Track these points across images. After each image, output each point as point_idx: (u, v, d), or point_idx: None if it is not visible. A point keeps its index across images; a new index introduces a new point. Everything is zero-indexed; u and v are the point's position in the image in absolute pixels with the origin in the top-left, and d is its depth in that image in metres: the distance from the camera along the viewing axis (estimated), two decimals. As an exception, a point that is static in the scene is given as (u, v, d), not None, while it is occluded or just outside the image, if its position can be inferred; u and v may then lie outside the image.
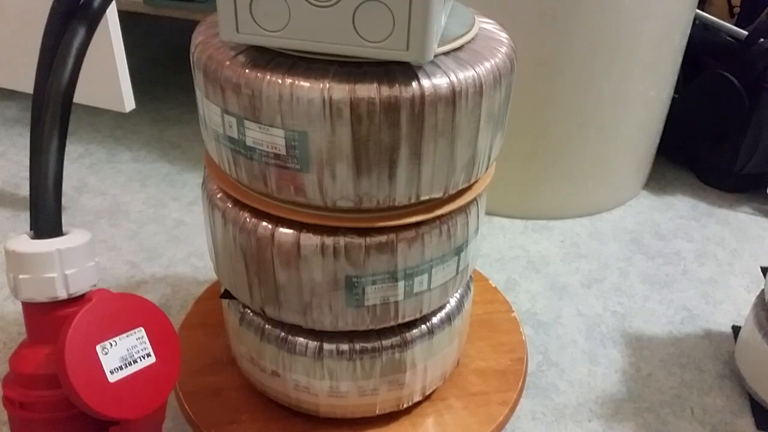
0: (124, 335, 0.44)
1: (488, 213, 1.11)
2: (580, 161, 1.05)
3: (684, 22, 1.00)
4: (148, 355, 0.45)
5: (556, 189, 1.08)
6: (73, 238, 0.45)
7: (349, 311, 0.54)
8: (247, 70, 0.46)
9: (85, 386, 0.41)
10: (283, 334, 0.59)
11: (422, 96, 0.45)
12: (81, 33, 0.49)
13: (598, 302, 0.93)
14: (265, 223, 0.52)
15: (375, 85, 0.45)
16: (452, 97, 0.46)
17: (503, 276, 0.98)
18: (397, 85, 0.45)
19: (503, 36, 0.54)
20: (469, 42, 0.51)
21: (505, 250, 1.03)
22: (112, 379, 0.43)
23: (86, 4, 0.51)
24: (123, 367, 0.44)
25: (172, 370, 0.46)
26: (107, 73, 0.95)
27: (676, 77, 1.09)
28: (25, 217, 1.08)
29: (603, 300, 0.94)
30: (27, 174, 1.20)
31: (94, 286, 0.47)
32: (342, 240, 0.51)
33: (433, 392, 0.67)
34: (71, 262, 0.44)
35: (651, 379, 0.81)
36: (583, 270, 1.00)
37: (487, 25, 0.56)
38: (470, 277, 0.67)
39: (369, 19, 0.42)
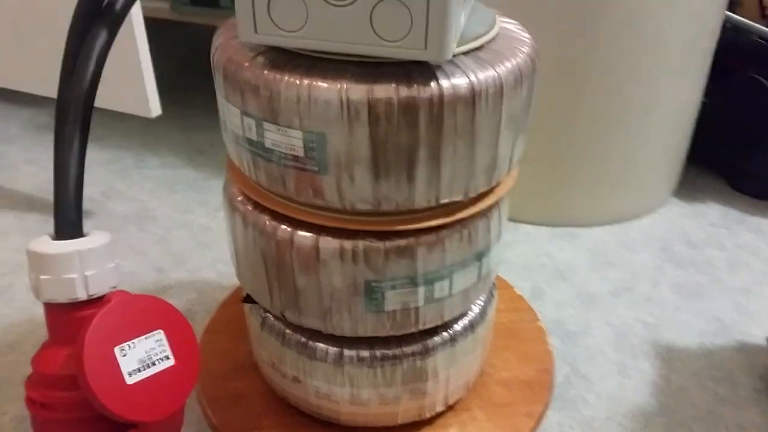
0: (143, 337, 0.44)
1: (513, 219, 1.10)
2: (607, 167, 1.03)
3: (713, 24, 0.97)
4: (167, 357, 0.45)
5: (583, 196, 1.06)
6: (93, 240, 0.45)
7: (369, 317, 0.53)
8: (265, 71, 0.46)
9: (102, 388, 0.41)
10: (303, 339, 0.59)
11: (441, 96, 0.45)
12: (103, 35, 0.50)
13: (627, 312, 0.91)
14: (284, 227, 0.52)
15: (393, 85, 0.44)
16: (472, 98, 0.46)
17: (529, 284, 0.96)
18: (415, 85, 0.44)
19: (525, 36, 0.53)
20: (489, 42, 0.50)
21: (530, 258, 1.02)
22: (130, 381, 0.43)
23: (109, 6, 0.51)
24: (141, 369, 0.43)
25: (191, 373, 0.46)
26: (133, 78, 0.96)
27: (705, 81, 1.06)
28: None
29: (633, 310, 0.91)
30: (57, 180, 1.22)
31: (114, 287, 0.47)
32: (361, 244, 0.50)
33: (456, 402, 0.66)
34: (91, 263, 0.44)
35: (683, 392, 0.78)
36: (611, 279, 0.97)
37: (508, 25, 0.55)
38: (493, 284, 0.66)
39: (386, 18, 0.42)
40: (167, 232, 1.08)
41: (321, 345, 0.58)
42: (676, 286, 0.96)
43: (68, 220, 0.46)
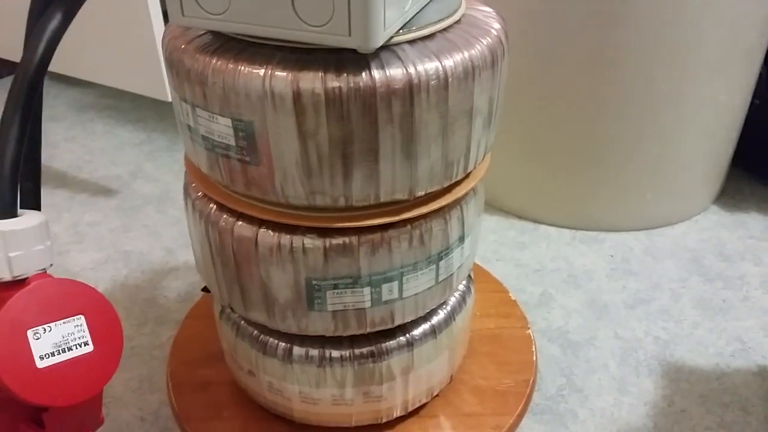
0: (61, 321, 0.44)
1: (534, 220, 1.05)
2: (636, 169, 0.97)
3: (760, 16, 0.88)
4: (86, 343, 0.44)
5: (609, 198, 1.00)
6: (21, 221, 0.45)
7: (313, 315, 0.51)
8: (196, 56, 0.44)
9: (8, 370, 0.41)
10: (256, 332, 0.57)
11: (373, 88, 0.42)
12: (57, 17, 0.49)
13: (640, 325, 0.85)
14: (226, 216, 0.50)
15: (320, 73, 0.41)
16: (409, 91, 0.42)
17: (539, 289, 0.91)
18: (344, 75, 0.41)
19: (493, 25, 0.49)
20: (444, 30, 0.46)
21: (546, 261, 0.97)
22: (40, 365, 0.42)
23: (67, -13, 0.51)
24: (55, 353, 0.43)
25: (110, 361, 0.45)
26: (150, 61, 0.97)
27: (754, 80, 0.97)
28: (80, 199, 1.13)
29: (646, 323, 0.85)
30: (91, 158, 1.26)
31: (44, 269, 0.46)
32: (300, 239, 0.48)
33: (422, 407, 0.63)
34: (16, 244, 0.44)
35: (684, 415, 0.72)
36: (629, 288, 0.91)
37: (477, 12, 0.51)
38: (467, 289, 0.62)
39: (309, 1, 0.39)
40: (184, 215, 1.09)
41: (272, 340, 0.56)
42: (698, 301, 0.89)
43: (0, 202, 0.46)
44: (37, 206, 0.57)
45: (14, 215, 0.46)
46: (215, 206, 0.51)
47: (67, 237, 1.03)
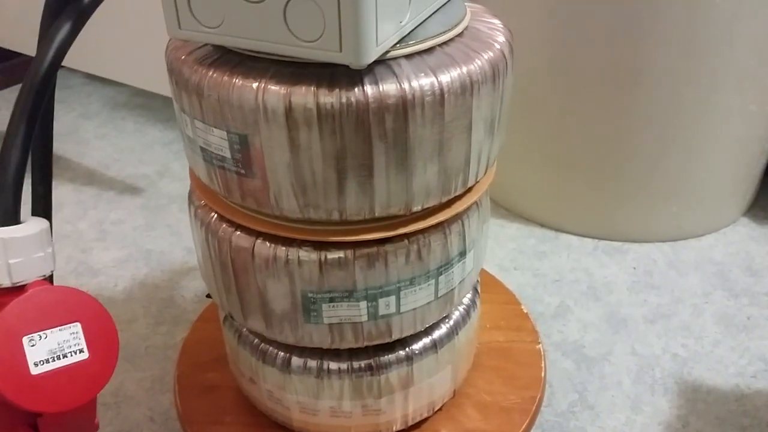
0: (57, 329, 0.44)
1: (555, 229, 1.03)
2: (662, 179, 0.94)
3: (795, 25, 0.85)
4: (81, 350, 0.45)
5: (635, 208, 0.98)
6: (21, 228, 0.46)
7: (309, 327, 0.51)
8: (194, 67, 0.45)
9: (2, 376, 0.42)
10: (256, 340, 0.57)
11: (365, 103, 0.41)
12: (66, 27, 0.50)
13: (659, 341, 0.83)
14: (225, 226, 0.51)
15: (312, 88, 0.41)
16: (402, 106, 0.42)
17: (556, 300, 0.90)
18: (337, 90, 0.41)
19: (497, 39, 0.48)
20: (444, 44, 0.46)
21: (565, 272, 0.95)
22: (35, 371, 0.43)
23: (77, -3, 0.51)
24: (50, 360, 0.44)
25: (105, 369, 0.46)
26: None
27: (789, 90, 0.94)
28: (107, 197, 1.16)
29: (665, 339, 0.83)
30: (120, 156, 1.28)
31: (45, 276, 0.47)
32: (296, 252, 0.48)
33: (423, 421, 0.62)
34: (17, 251, 0.45)
35: (699, 437, 0.70)
36: (650, 302, 0.89)
37: (482, 24, 0.50)
38: (472, 302, 0.61)
39: (300, 17, 0.39)
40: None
41: (271, 349, 0.56)
42: (721, 317, 0.86)
43: (3, 209, 0.46)
44: (48, 210, 0.59)
45: (16, 222, 0.47)
46: (216, 215, 0.52)
47: (92, 234, 1.05)
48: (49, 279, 0.56)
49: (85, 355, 0.45)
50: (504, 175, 1.07)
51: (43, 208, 0.58)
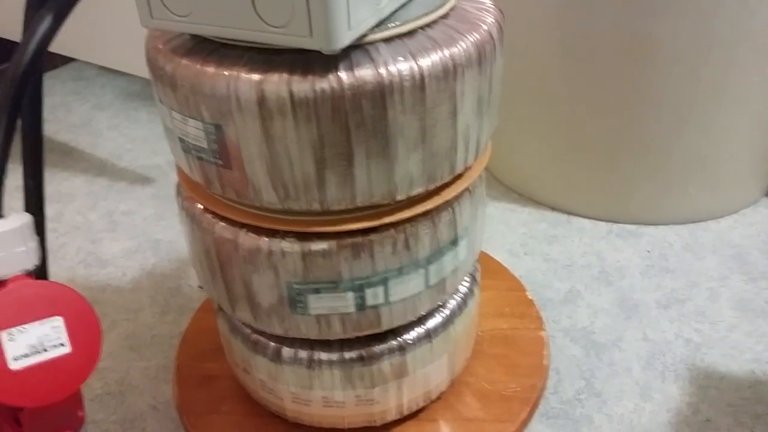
0: (38, 323, 0.44)
1: (568, 212, 1.01)
2: (678, 160, 0.91)
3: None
4: (62, 344, 0.45)
5: (650, 190, 0.95)
6: (3, 223, 0.46)
7: (296, 319, 0.50)
8: (170, 57, 0.44)
9: (-20, 370, 0.42)
10: (248, 331, 0.57)
11: (341, 90, 0.40)
12: (47, 19, 0.49)
13: (671, 326, 0.80)
14: (210, 217, 0.50)
15: (285, 76, 0.40)
16: (380, 92, 0.40)
17: (566, 285, 0.88)
18: (310, 77, 0.40)
19: (485, 19, 0.46)
20: (427, 26, 0.44)
21: (576, 257, 0.93)
22: (14, 366, 0.43)
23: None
24: (30, 354, 0.44)
25: (87, 362, 0.46)
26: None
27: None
28: (118, 188, 1.16)
29: (678, 324, 0.81)
30: (131, 146, 1.29)
31: (27, 270, 0.47)
32: (279, 243, 0.47)
33: (421, 410, 0.61)
34: (-3, 245, 0.45)
35: (709, 425, 0.68)
36: (664, 287, 0.87)
37: (471, 4, 0.48)
38: (469, 291, 0.60)
39: (268, 1, 0.38)
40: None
41: (263, 339, 0.56)
42: (738, 302, 0.83)
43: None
44: (40, 204, 0.59)
45: (-1, 217, 0.47)
46: (201, 207, 0.51)
47: (102, 225, 1.06)
48: (41, 272, 0.57)
49: (67, 349, 0.45)
50: (515, 158, 1.05)
51: (34, 201, 0.58)
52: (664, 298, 0.85)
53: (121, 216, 1.08)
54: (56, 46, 1.28)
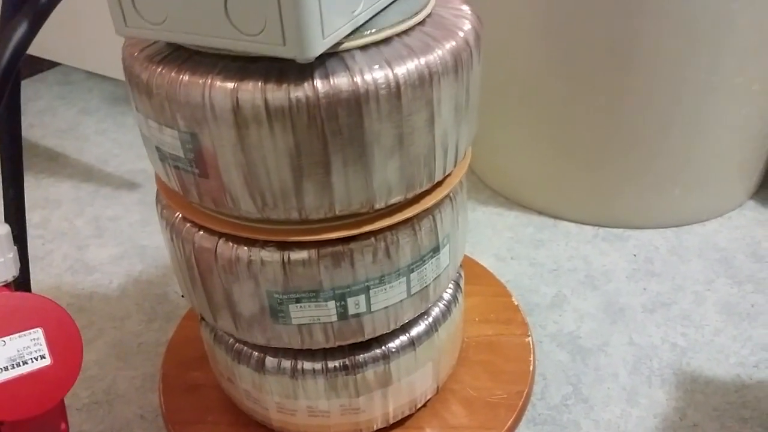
0: (17, 335, 0.44)
1: (554, 216, 1.01)
2: (663, 162, 0.91)
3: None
4: (42, 357, 0.44)
5: (635, 193, 0.95)
6: (-21, 234, 0.45)
7: (278, 328, 0.50)
8: (145, 64, 0.43)
9: (-43, 385, 0.41)
10: (231, 340, 0.56)
11: (315, 98, 0.40)
12: (21, 29, 0.49)
13: (657, 331, 0.80)
14: (189, 226, 0.49)
15: (260, 84, 0.39)
16: (356, 100, 0.40)
17: (552, 290, 0.88)
18: (285, 85, 0.39)
19: (461, 26, 0.46)
20: (403, 32, 0.44)
21: (562, 261, 0.93)
22: (-7, 379, 0.42)
23: (33, -2, 0.50)
24: (10, 367, 0.43)
25: (68, 374, 0.45)
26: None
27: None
28: (104, 193, 1.15)
29: (664, 328, 0.81)
30: (118, 151, 1.28)
31: (6, 281, 0.47)
32: (259, 252, 0.47)
33: (407, 418, 0.61)
34: (-27, 257, 0.44)
35: (696, 430, 0.68)
36: (650, 291, 0.87)
37: (449, 11, 0.48)
38: (453, 298, 0.60)
39: (241, 9, 0.37)
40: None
41: (246, 349, 0.55)
42: (724, 306, 0.83)
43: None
44: (20, 214, 0.58)
45: (-24, 228, 0.46)
46: (180, 215, 0.51)
47: (89, 231, 1.05)
48: (23, 283, 0.56)
49: (48, 361, 0.45)
50: (502, 161, 1.05)
51: (14, 211, 0.57)
52: (650, 302, 0.85)
53: (108, 222, 1.07)
54: (41, 51, 1.28)
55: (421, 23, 0.45)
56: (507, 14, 0.91)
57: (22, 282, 0.53)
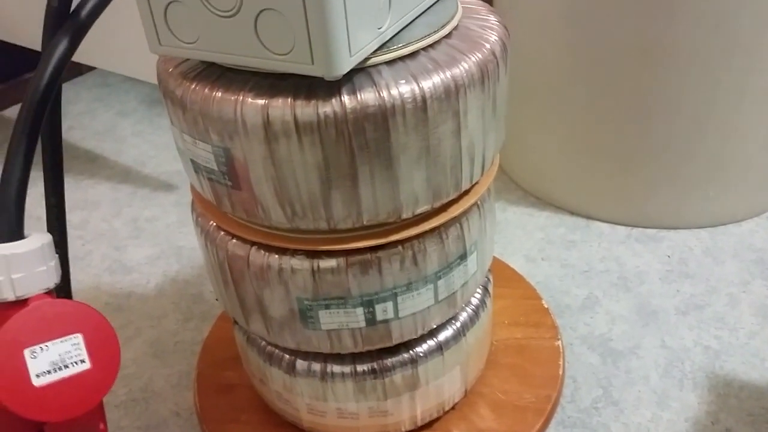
0: (58, 340, 0.46)
1: (587, 216, 1.00)
2: (698, 163, 0.90)
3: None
4: (82, 361, 0.46)
5: (669, 194, 0.94)
6: (24, 244, 0.47)
7: (308, 333, 0.51)
8: (179, 80, 0.45)
9: (5, 388, 0.43)
10: (263, 343, 0.58)
11: (343, 114, 0.40)
12: (63, 43, 0.51)
13: (690, 333, 0.80)
14: (222, 234, 0.51)
15: (289, 100, 0.41)
16: (383, 115, 0.41)
17: (584, 291, 0.87)
18: (313, 101, 0.40)
19: (488, 38, 0.47)
20: (429, 47, 0.44)
21: (595, 262, 0.92)
22: (37, 382, 0.44)
23: (75, 12, 0.52)
24: (52, 371, 0.45)
25: (106, 378, 0.47)
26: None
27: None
28: (141, 194, 1.18)
29: (698, 331, 0.80)
30: (155, 153, 1.31)
31: (48, 289, 0.49)
32: (289, 261, 0.48)
33: (435, 421, 0.62)
34: (19, 266, 0.46)
35: (728, 436, 0.68)
36: (684, 293, 0.86)
37: (475, 22, 0.48)
38: (481, 303, 0.60)
39: (271, 30, 0.38)
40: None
41: (277, 351, 0.57)
42: (759, 308, 0.82)
43: (5, 225, 0.48)
44: (61, 220, 0.60)
45: (20, 237, 0.48)
46: (214, 224, 0.52)
47: (126, 232, 1.08)
48: (64, 289, 0.58)
49: (87, 365, 0.47)
50: (533, 161, 1.05)
51: (56, 217, 0.59)
52: (682, 304, 0.84)
53: (145, 223, 1.10)
54: (79, 56, 1.31)
55: (448, 36, 0.46)
56: (539, 16, 0.91)
57: (63, 287, 0.55)
